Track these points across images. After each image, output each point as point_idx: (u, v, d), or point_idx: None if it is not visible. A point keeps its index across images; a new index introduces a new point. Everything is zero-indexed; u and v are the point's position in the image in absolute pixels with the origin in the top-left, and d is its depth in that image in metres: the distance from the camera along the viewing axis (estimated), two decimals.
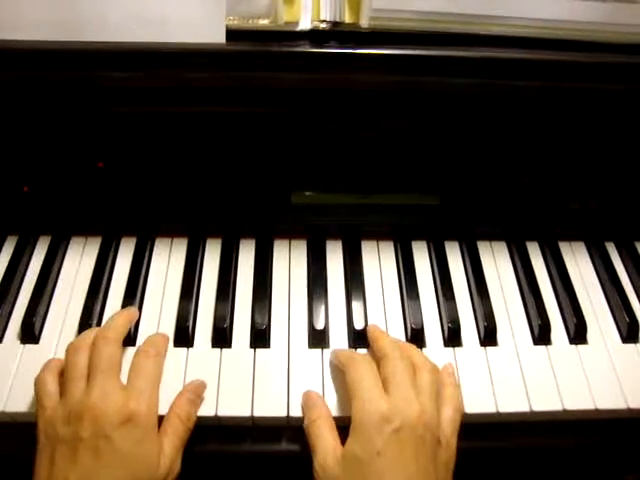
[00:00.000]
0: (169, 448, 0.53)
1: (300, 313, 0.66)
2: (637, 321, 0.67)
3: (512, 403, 0.60)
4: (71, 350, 0.57)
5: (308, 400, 0.58)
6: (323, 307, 0.66)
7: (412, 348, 0.61)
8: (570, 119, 0.68)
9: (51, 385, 0.55)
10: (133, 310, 0.64)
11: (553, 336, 0.66)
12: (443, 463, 0.52)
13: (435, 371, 0.58)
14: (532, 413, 0.59)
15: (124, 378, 0.56)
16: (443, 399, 0.56)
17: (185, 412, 0.56)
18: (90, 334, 0.58)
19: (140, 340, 0.62)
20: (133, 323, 0.63)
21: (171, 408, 0.56)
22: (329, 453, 0.52)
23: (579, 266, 0.73)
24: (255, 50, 0.61)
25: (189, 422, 0.55)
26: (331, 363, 0.62)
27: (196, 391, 0.58)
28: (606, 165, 0.72)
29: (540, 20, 0.61)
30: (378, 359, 0.58)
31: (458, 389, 0.59)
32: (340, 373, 0.59)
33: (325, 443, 0.53)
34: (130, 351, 0.59)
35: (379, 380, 0.55)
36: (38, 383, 0.55)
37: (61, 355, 0.59)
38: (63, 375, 0.56)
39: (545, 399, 0.60)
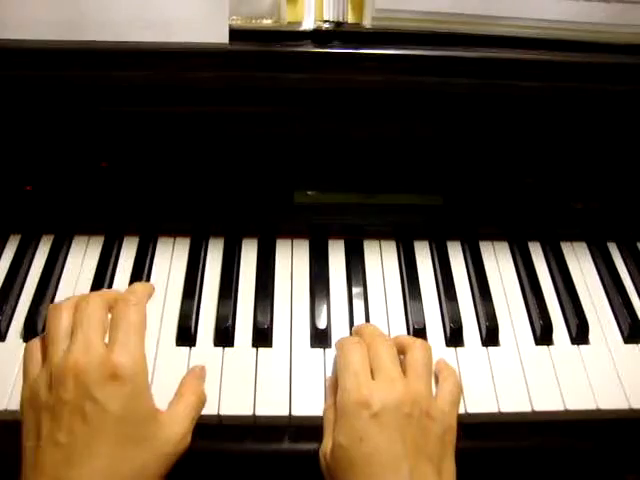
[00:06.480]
0: (183, 413, 0.52)
1: (302, 312, 0.66)
2: (639, 321, 0.67)
3: (514, 403, 0.60)
4: (52, 311, 0.52)
5: (327, 387, 0.59)
6: (325, 306, 0.66)
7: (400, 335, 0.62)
8: (573, 120, 0.68)
9: (37, 352, 0.52)
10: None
11: (555, 336, 0.66)
12: (438, 437, 0.52)
13: (425, 346, 0.58)
14: (534, 413, 0.59)
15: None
16: (440, 378, 0.58)
17: (195, 386, 0.56)
18: (73, 298, 0.54)
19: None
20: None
21: (180, 386, 0.56)
22: (329, 442, 0.53)
23: (581, 266, 0.73)
24: (258, 50, 0.61)
25: (202, 395, 0.56)
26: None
27: (200, 373, 0.58)
28: (608, 165, 0.72)
29: (543, 21, 0.61)
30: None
31: (455, 373, 0.59)
32: None
33: (329, 431, 0.54)
34: None
35: (366, 366, 0.55)
36: (25, 351, 0.53)
37: None
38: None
39: (547, 399, 0.60)
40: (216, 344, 0.63)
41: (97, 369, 0.47)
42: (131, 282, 0.68)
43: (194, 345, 0.63)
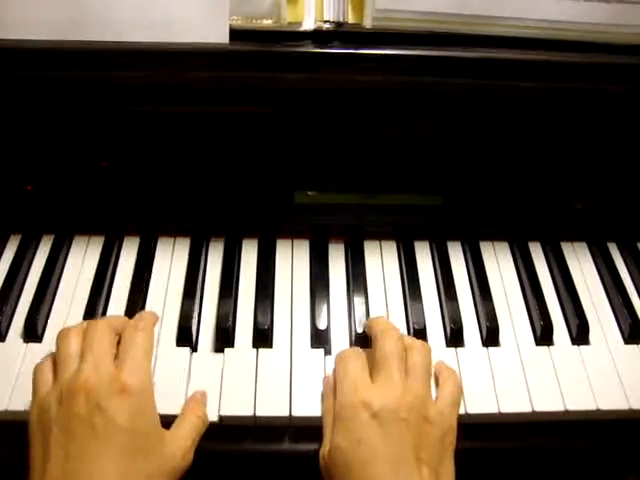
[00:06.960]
0: (187, 432, 0.53)
1: (302, 313, 0.66)
2: (639, 321, 0.67)
3: (514, 403, 0.60)
4: (61, 335, 0.55)
5: (326, 388, 0.59)
6: (325, 307, 0.66)
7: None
8: (573, 120, 0.68)
9: (48, 373, 0.53)
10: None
11: (555, 337, 0.66)
12: (436, 439, 0.52)
13: (425, 348, 0.58)
14: (534, 413, 0.59)
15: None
16: (441, 379, 0.57)
17: (197, 410, 0.56)
18: (82, 323, 0.57)
19: None
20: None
21: (183, 409, 0.56)
22: (327, 444, 0.53)
23: (581, 266, 0.73)
24: (258, 50, 0.61)
25: (204, 417, 0.56)
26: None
27: (202, 399, 0.58)
28: (608, 165, 0.72)
29: (543, 21, 0.61)
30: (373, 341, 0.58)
31: (455, 374, 0.59)
32: None
33: (328, 433, 0.54)
34: None
35: (365, 370, 0.55)
36: (36, 371, 0.54)
37: None
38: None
39: (547, 399, 0.60)
40: (216, 344, 0.63)
41: (107, 386, 0.50)
42: (132, 282, 0.68)
43: (195, 346, 0.63)
